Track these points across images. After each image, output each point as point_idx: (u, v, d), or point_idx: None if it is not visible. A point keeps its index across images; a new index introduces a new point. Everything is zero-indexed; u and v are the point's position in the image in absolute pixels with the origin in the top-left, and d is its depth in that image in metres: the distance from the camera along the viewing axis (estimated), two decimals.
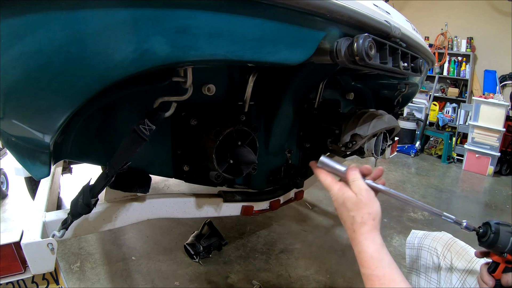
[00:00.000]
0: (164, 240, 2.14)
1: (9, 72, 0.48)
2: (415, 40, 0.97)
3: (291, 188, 1.37)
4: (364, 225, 0.60)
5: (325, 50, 0.70)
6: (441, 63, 4.90)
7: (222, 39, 0.55)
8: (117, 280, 1.75)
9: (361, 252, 0.60)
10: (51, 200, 1.10)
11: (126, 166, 0.74)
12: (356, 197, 0.62)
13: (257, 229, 2.33)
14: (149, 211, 1.06)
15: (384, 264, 0.58)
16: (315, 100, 1.31)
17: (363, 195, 0.62)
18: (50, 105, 0.55)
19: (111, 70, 0.51)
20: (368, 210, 0.61)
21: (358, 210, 0.61)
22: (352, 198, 0.62)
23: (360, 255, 0.60)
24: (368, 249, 0.59)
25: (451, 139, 4.47)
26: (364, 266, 0.59)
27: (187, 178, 1.04)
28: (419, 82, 1.60)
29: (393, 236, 2.38)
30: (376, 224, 0.61)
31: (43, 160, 0.67)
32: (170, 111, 0.73)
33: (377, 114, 1.26)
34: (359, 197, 0.62)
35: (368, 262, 0.58)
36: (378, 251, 0.59)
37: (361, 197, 0.62)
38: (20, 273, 0.80)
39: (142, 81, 0.82)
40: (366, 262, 0.59)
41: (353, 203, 0.62)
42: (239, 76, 1.02)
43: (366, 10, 0.74)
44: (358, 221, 0.61)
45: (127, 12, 0.47)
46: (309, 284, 1.82)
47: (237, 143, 0.94)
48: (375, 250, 0.59)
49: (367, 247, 0.59)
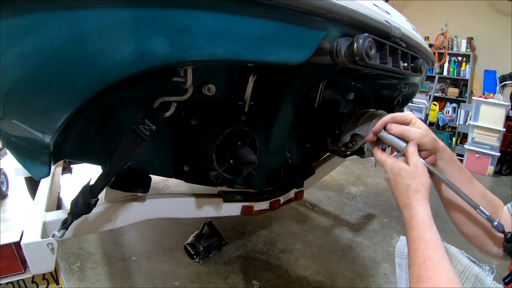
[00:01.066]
0: (164, 240, 2.14)
1: (9, 72, 0.48)
2: (415, 40, 0.97)
3: (291, 188, 1.37)
4: (419, 192, 0.65)
5: (325, 50, 0.70)
6: (441, 63, 4.90)
7: (222, 39, 0.55)
8: (117, 280, 1.75)
9: (414, 215, 0.64)
10: (51, 200, 1.10)
11: (126, 166, 0.74)
12: (412, 168, 0.67)
13: (257, 229, 2.33)
14: (149, 211, 1.06)
15: (433, 230, 0.63)
16: (315, 100, 1.31)
17: (419, 167, 0.67)
18: (50, 105, 0.55)
19: (111, 70, 0.51)
20: (422, 180, 0.66)
21: (413, 179, 0.66)
22: (409, 168, 0.67)
23: (412, 218, 0.65)
24: (420, 214, 0.64)
25: (451, 139, 4.47)
26: (414, 229, 0.64)
27: (187, 178, 1.04)
28: (419, 82, 1.60)
29: (393, 236, 2.38)
30: (428, 194, 0.66)
31: (43, 160, 0.67)
32: (170, 111, 0.73)
33: (377, 114, 1.26)
34: (415, 168, 0.67)
35: (419, 225, 0.63)
36: (429, 217, 0.64)
37: (416, 168, 0.67)
38: (20, 273, 0.80)
39: (142, 81, 0.82)
40: (417, 225, 0.63)
41: (410, 173, 0.67)
42: (239, 76, 1.02)
43: (366, 10, 0.74)
44: (413, 188, 0.66)
45: (127, 12, 0.47)
46: (309, 284, 1.82)
47: (237, 143, 0.94)
48: (427, 216, 0.64)
49: (420, 212, 0.64)
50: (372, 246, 2.24)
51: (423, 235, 0.62)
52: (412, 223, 0.65)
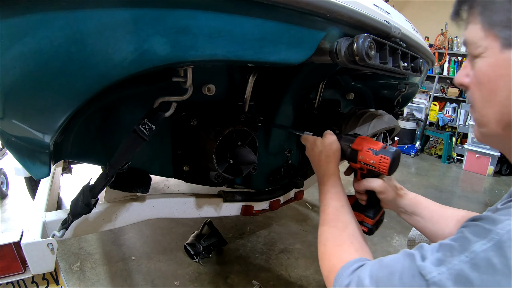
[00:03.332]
0: (164, 240, 2.14)
1: (9, 72, 0.48)
2: (415, 40, 0.97)
3: (291, 188, 1.37)
4: (328, 156, 0.83)
5: (325, 50, 0.70)
6: (441, 63, 4.90)
7: (222, 39, 0.55)
8: (117, 280, 1.75)
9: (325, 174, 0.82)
10: (51, 200, 1.10)
11: (126, 166, 0.74)
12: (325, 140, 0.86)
13: (257, 229, 2.33)
14: (149, 211, 1.06)
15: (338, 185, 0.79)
16: (315, 100, 1.31)
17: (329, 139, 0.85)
18: (50, 105, 0.55)
19: (111, 70, 0.51)
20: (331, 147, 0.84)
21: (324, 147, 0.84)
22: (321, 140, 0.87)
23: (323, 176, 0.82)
24: (329, 172, 0.82)
25: (451, 139, 4.47)
26: (324, 184, 0.80)
27: (187, 178, 1.04)
28: (419, 82, 1.60)
29: (393, 236, 2.38)
30: (336, 158, 0.83)
31: (43, 160, 0.67)
32: (170, 111, 0.73)
33: (377, 114, 1.26)
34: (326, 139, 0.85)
35: (328, 181, 0.80)
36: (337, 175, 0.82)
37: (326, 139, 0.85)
38: (20, 273, 0.80)
39: (142, 81, 0.82)
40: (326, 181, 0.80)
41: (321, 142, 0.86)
42: (239, 76, 1.02)
43: (366, 10, 0.74)
44: (324, 154, 0.84)
45: (127, 12, 0.47)
46: (309, 284, 1.82)
47: (237, 143, 0.94)
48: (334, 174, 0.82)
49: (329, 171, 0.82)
50: (371, 246, 2.23)
51: (330, 189, 0.76)
52: (324, 180, 0.79)
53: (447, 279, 0.41)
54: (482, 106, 0.50)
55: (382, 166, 0.75)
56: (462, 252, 0.42)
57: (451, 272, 0.41)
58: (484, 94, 0.49)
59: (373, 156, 0.76)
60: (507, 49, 0.44)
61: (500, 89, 0.46)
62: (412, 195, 0.83)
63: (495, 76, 0.46)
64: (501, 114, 0.47)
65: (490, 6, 0.45)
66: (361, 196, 0.85)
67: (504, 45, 0.45)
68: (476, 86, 0.50)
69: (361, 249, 0.62)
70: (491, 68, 0.47)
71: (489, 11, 0.46)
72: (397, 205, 0.83)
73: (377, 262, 0.52)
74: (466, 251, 0.41)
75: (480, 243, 0.41)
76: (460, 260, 0.41)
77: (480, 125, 0.52)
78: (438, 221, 0.77)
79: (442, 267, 0.42)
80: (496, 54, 0.46)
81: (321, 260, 0.64)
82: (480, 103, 0.50)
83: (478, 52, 0.48)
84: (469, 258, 0.41)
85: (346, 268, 0.55)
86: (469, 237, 0.42)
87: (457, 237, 0.45)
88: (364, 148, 0.79)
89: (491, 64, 0.47)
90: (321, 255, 0.65)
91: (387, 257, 0.51)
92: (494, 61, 0.46)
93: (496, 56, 0.46)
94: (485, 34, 0.46)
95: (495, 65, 0.46)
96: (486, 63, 0.47)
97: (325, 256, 0.64)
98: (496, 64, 0.46)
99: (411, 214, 0.82)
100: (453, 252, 0.43)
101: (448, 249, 0.44)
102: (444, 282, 0.41)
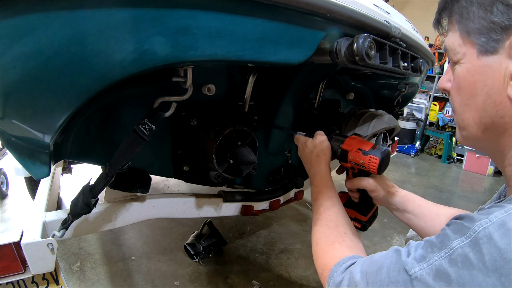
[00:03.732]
0: (164, 240, 2.14)
1: (9, 72, 0.48)
2: (415, 40, 0.97)
3: (291, 188, 1.37)
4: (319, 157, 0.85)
5: (325, 50, 0.70)
6: (441, 63, 4.90)
7: (222, 39, 0.55)
8: (117, 280, 1.75)
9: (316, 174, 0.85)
10: (51, 200, 1.10)
11: (126, 166, 0.74)
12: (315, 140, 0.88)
13: (257, 229, 2.33)
14: (149, 211, 1.06)
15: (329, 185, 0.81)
16: (315, 100, 1.31)
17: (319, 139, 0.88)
18: (50, 105, 0.55)
19: (111, 70, 0.51)
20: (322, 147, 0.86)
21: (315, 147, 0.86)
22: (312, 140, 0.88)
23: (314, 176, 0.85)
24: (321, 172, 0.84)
25: (451, 139, 4.47)
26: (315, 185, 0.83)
27: (187, 178, 1.04)
28: (419, 82, 1.60)
29: (392, 236, 2.38)
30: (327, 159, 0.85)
31: (43, 160, 0.67)
32: (170, 111, 0.73)
33: (377, 114, 1.26)
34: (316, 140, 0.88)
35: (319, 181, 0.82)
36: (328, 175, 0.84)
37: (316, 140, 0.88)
38: (20, 273, 0.80)
39: (142, 81, 0.82)
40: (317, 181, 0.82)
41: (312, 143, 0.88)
42: (239, 76, 1.02)
43: (366, 10, 0.74)
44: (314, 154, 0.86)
45: (127, 12, 0.47)
46: (309, 284, 1.82)
47: (237, 143, 0.94)
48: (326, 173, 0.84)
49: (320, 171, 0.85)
50: (371, 246, 2.24)
51: (321, 189, 0.78)
52: (315, 180, 0.82)
53: (428, 274, 0.42)
54: (462, 110, 0.52)
55: (371, 166, 0.77)
56: (442, 249, 0.43)
57: (432, 268, 0.43)
58: (463, 98, 0.51)
59: (363, 156, 0.78)
60: (483, 55, 0.46)
61: (478, 93, 0.48)
62: (403, 193, 0.85)
63: (473, 81, 0.48)
64: (480, 117, 0.49)
65: (466, 15, 0.47)
66: (354, 194, 0.88)
67: (480, 52, 0.46)
68: (456, 90, 0.52)
69: (353, 246, 0.64)
70: (469, 73, 0.49)
71: (465, 19, 0.47)
72: (389, 202, 0.85)
73: (368, 259, 0.53)
74: (445, 247, 0.43)
75: (458, 240, 0.42)
76: (440, 256, 0.43)
77: (461, 128, 0.54)
78: (430, 219, 0.79)
79: (423, 263, 0.44)
80: (474, 60, 0.47)
81: (315, 258, 0.67)
82: (460, 107, 0.52)
83: (457, 58, 0.50)
84: (447, 254, 0.42)
85: (339, 266, 0.57)
86: (449, 234, 0.44)
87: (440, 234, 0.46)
88: (354, 149, 0.81)
89: (469, 70, 0.48)
90: (315, 254, 0.67)
91: (378, 253, 0.53)
92: (472, 66, 0.48)
93: (473, 62, 0.48)
94: (463, 41, 0.48)
95: (473, 70, 0.48)
96: (465, 69, 0.49)
97: (318, 254, 0.66)
98: (474, 69, 0.48)
99: (402, 211, 0.84)
100: (433, 249, 0.44)
101: (430, 246, 0.45)
102: (425, 278, 0.43)
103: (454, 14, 0.50)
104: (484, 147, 0.54)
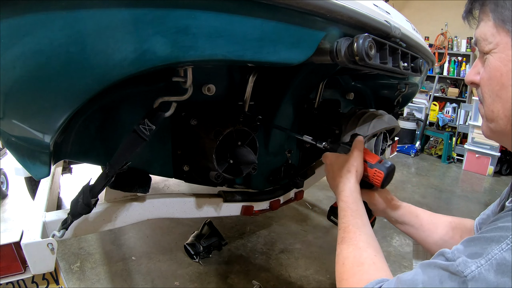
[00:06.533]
0: (164, 240, 2.14)
1: (9, 72, 0.48)
2: (415, 40, 0.97)
3: (291, 188, 1.37)
4: (349, 172, 0.78)
5: (325, 50, 0.70)
6: (441, 63, 4.90)
7: (222, 39, 0.55)
8: (117, 280, 1.75)
9: (344, 190, 0.77)
10: (51, 200, 1.10)
11: (126, 166, 0.74)
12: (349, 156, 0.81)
13: (257, 229, 2.33)
14: (149, 211, 1.06)
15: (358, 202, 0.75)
16: (315, 100, 1.31)
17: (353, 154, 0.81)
18: (50, 105, 0.55)
19: (111, 70, 0.51)
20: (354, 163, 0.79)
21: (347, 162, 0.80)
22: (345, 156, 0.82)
23: (342, 192, 0.77)
24: (349, 188, 0.76)
25: (451, 139, 4.47)
26: (343, 200, 0.75)
27: (187, 178, 1.04)
28: (419, 82, 1.60)
29: (393, 236, 2.39)
30: (358, 175, 0.78)
31: (43, 160, 0.67)
32: (170, 111, 0.73)
33: (377, 114, 1.26)
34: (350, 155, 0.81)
35: (347, 197, 0.75)
36: (357, 192, 0.77)
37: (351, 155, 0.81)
38: (20, 273, 0.80)
39: (142, 81, 0.82)
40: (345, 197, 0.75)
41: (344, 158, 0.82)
42: (239, 76, 1.02)
43: (366, 10, 0.74)
44: (345, 169, 0.79)
45: (127, 12, 0.47)
46: (309, 284, 1.82)
47: (237, 143, 0.94)
48: (354, 190, 0.76)
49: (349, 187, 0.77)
50: None
51: (349, 205, 0.72)
52: (342, 196, 0.75)
53: (487, 271, 0.39)
54: (491, 101, 0.50)
55: (376, 180, 0.78)
56: (501, 241, 0.40)
57: (492, 263, 0.39)
58: (494, 89, 0.50)
59: (368, 169, 0.79)
60: None
61: (510, 84, 0.47)
62: (402, 205, 0.86)
63: (506, 71, 0.47)
64: (511, 110, 0.48)
65: (501, 3, 0.47)
66: None
67: None
68: (487, 81, 0.51)
69: (382, 269, 0.59)
70: (502, 63, 0.48)
71: (500, 8, 0.47)
72: (389, 215, 0.87)
73: (395, 280, 0.49)
74: (506, 238, 0.39)
75: None
76: (501, 249, 0.39)
77: (489, 120, 0.52)
78: (429, 228, 0.81)
79: (480, 259, 0.40)
80: (507, 49, 0.47)
81: (339, 280, 0.61)
82: (490, 98, 0.51)
83: (489, 48, 0.49)
84: (509, 246, 0.39)
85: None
86: (506, 226, 0.41)
87: (491, 229, 0.43)
88: None
89: (502, 59, 0.48)
90: (339, 275, 0.62)
91: (405, 273, 0.49)
92: (505, 56, 0.47)
93: (507, 51, 0.47)
94: (497, 30, 0.48)
95: (506, 60, 0.47)
96: (497, 58, 0.48)
97: (343, 276, 0.61)
98: (507, 59, 0.47)
99: (402, 223, 0.86)
100: (490, 243, 0.41)
101: (484, 241, 0.42)
102: (484, 275, 0.39)
103: (488, 3, 0.49)
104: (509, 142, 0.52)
